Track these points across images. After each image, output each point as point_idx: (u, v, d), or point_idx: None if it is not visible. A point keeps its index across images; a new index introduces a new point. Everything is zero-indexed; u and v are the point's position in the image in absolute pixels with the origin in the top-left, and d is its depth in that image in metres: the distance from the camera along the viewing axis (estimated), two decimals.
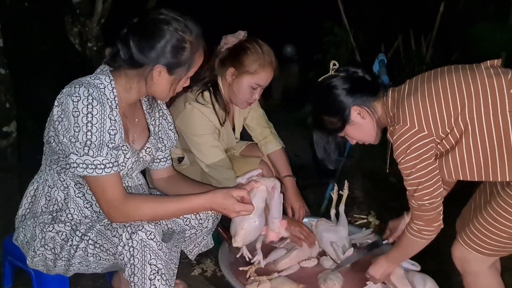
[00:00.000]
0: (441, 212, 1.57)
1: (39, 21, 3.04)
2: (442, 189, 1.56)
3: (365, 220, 2.73)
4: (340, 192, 2.14)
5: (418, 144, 1.50)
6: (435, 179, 1.54)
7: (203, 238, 1.83)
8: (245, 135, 2.44)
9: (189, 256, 1.88)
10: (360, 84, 1.66)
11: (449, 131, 1.50)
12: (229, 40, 2.05)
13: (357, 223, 2.67)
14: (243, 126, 2.39)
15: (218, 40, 2.10)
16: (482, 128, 1.46)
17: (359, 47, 4.30)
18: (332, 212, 2.15)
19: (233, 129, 2.31)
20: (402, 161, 1.54)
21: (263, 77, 2.04)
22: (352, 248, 1.99)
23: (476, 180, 1.52)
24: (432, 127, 1.50)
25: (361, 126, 1.67)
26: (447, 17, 4.18)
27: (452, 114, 1.49)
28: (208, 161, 2.06)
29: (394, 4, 4.54)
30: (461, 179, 1.54)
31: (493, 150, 1.46)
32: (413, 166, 1.52)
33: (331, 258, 2.03)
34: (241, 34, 2.06)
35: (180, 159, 2.24)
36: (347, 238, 2.06)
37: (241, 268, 1.93)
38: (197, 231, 1.77)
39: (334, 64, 1.72)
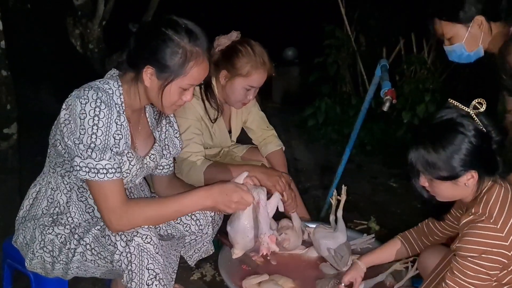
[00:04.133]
0: None
1: (41, 23, 3.05)
2: None
3: (366, 226, 2.73)
4: (338, 197, 2.13)
5: (494, 253, 1.36)
6: None
7: (203, 244, 1.82)
8: (246, 139, 2.43)
9: (188, 262, 1.87)
10: (490, 154, 1.43)
11: None
12: (222, 42, 2.04)
13: (357, 228, 2.67)
14: (243, 129, 2.39)
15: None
16: None
17: (360, 51, 4.31)
18: (331, 217, 2.14)
19: (230, 132, 2.30)
20: (470, 258, 1.38)
21: (256, 78, 2.02)
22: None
23: None
24: None
25: (457, 189, 1.45)
26: None
27: None
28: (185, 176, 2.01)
29: (395, 8, 4.53)
30: None
31: None
32: (475, 270, 1.38)
33: (330, 264, 2.03)
34: (234, 35, 2.04)
35: None
36: (345, 244, 2.06)
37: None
38: (197, 237, 1.76)
39: (480, 104, 1.42)
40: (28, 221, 1.59)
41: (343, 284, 1.80)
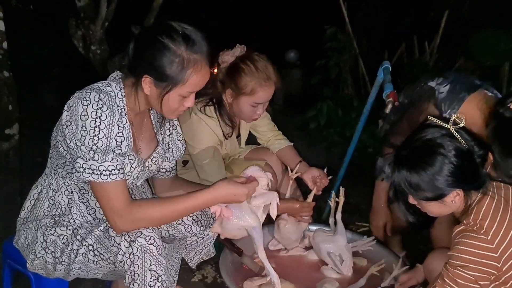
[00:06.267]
0: None
1: (43, 24, 3.05)
2: None
3: (367, 228, 2.72)
4: (337, 199, 2.12)
5: (484, 265, 1.35)
6: None
7: (204, 246, 1.82)
8: (249, 139, 2.44)
9: (189, 263, 1.86)
10: (473, 171, 1.41)
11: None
12: (225, 59, 2.01)
13: (358, 230, 2.66)
14: (249, 131, 2.40)
15: (220, 48, 2.04)
16: None
17: (362, 54, 4.30)
18: (331, 220, 2.14)
19: (238, 137, 2.32)
20: (460, 268, 1.38)
21: (261, 95, 2.00)
22: None
23: None
24: (504, 258, 1.35)
25: (445, 207, 1.46)
26: (451, 24, 4.18)
27: None
28: (203, 174, 2.08)
29: (398, 10, 4.53)
30: None
31: None
32: (466, 279, 1.38)
33: (331, 268, 2.02)
34: (237, 51, 2.01)
35: (185, 162, 2.25)
36: (346, 246, 2.05)
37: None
38: (198, 238, 1.76)
39: (460, 120, 1.40)
40: (29, 222, 1.59)
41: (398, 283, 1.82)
